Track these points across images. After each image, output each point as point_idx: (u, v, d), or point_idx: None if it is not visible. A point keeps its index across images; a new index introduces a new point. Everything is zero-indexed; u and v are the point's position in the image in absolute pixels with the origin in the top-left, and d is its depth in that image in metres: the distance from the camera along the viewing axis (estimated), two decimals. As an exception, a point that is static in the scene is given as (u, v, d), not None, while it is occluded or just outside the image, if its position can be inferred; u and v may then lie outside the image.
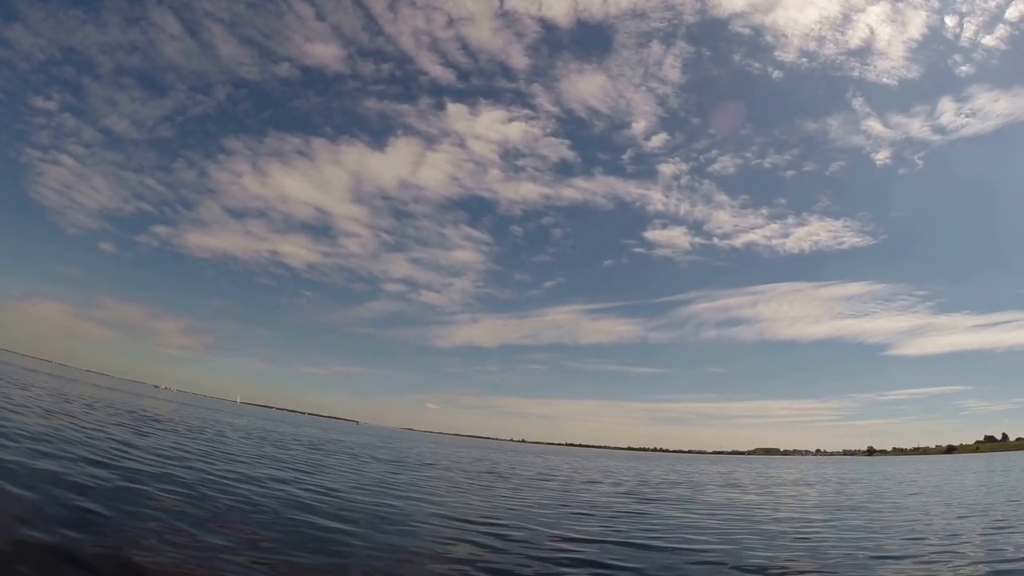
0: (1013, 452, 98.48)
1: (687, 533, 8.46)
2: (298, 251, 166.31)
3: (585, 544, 6.95)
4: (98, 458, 8.26)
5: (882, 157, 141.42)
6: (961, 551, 6.99)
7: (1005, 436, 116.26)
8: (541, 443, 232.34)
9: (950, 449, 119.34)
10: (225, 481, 8.47)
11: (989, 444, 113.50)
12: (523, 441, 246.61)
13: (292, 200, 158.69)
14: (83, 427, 12.19)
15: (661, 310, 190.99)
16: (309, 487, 9.29)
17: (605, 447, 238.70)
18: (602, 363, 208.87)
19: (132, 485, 6.80)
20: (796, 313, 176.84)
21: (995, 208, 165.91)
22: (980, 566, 6.18)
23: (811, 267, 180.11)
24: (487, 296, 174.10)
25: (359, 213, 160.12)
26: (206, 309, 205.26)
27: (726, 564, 6.26)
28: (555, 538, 7.25)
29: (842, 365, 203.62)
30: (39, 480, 6.13)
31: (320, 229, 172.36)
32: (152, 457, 9.46)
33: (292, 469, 11.70)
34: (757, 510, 12.25)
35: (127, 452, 9.61)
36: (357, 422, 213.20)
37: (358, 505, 8.29)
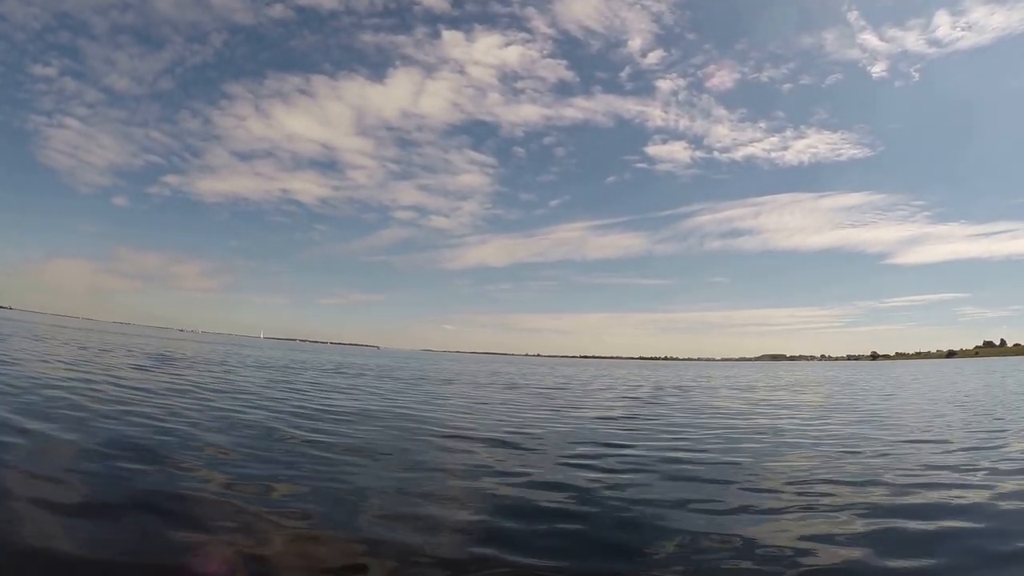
0: (1011, 357, 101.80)
1: (691, 431, 9.17)
2: (308, 187, 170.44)
3: (592, 447, 7.55)
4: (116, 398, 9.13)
5: (878, 70, 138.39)
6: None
7: (1003, 342, 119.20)
8: (556, 356, 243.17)
9: (950, 354, 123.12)
10: (247, 406, 9.43)
11: (988, 349, 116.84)
12: (538, 355, 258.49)
13: (297, 138, 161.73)
14: (103, 370, 13.41)
15: (665, 223, 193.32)
16: (334, 404, 10.21)
17: (617, 357, 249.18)
18: (610, 277, 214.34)
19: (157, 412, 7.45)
20: (797, 223, 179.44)
21: (990, 121, 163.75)
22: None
23: (810, 178, 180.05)
24: (495, 217, 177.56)
25: (364, 145, 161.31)
26: (223, 250, 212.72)
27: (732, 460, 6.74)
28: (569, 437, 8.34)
29: (843, 273, 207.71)
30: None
31: (327, 164, 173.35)
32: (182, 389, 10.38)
33: (303, 391, 12.07)
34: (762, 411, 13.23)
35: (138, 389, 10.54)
36: (378, 347, 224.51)
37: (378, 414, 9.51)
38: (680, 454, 6.94)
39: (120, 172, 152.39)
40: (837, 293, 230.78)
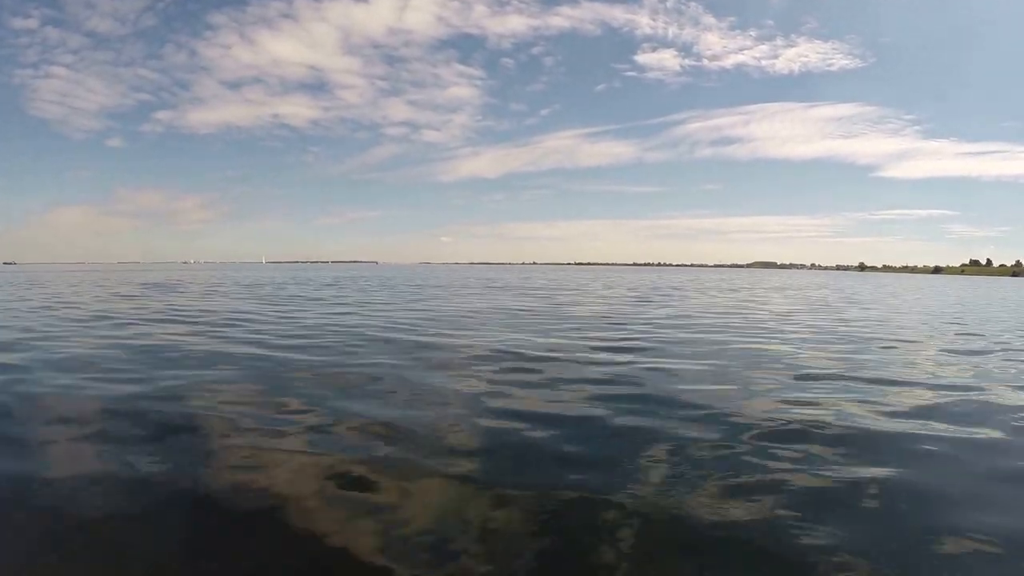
0: (997, 277, 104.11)
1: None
2: (298, 110, 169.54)
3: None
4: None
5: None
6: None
7: (989, 261, 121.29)
8: (551, 264, 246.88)
9: (937, 269, 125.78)
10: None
11: (974, 268, 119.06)
12: (534, 263, 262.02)
13: (284, 62, 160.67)
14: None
15: (655, 130, 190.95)
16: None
17: (612, 264, 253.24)
18: (602, 184, 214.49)
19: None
20: (787, 133, 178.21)
21: (985, 39, 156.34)
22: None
23: (801, 88, 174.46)
24: (486, 128, 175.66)
25: (352, 64, 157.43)
26: (220, 181, 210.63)
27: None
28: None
29: (833, 184, 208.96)
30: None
31: (316, 86, 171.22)
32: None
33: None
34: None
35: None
36: (377, 263, 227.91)
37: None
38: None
39: (111, 114, 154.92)
40: (827, 203, 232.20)
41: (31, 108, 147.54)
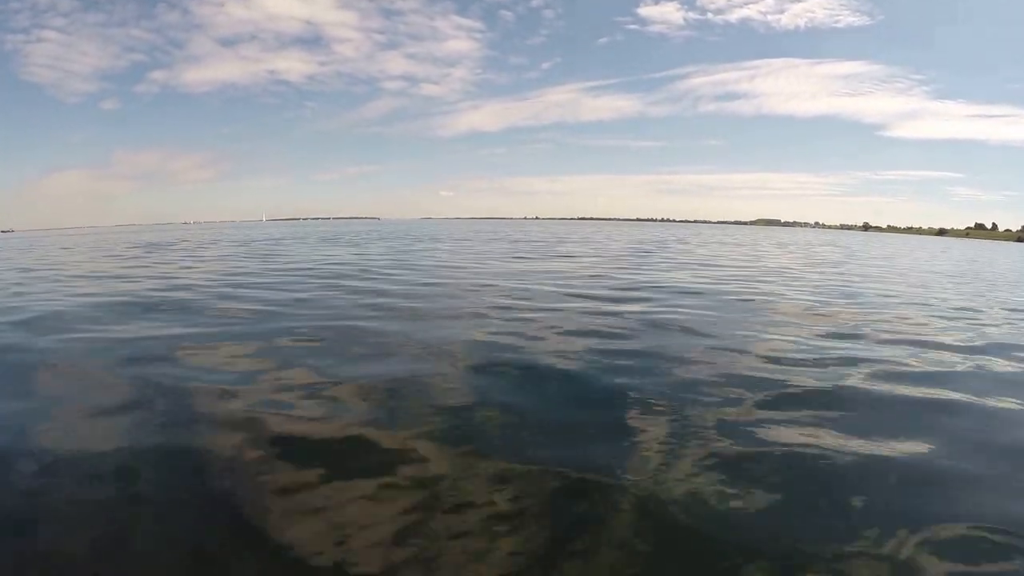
0: (1002, 241, 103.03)
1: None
2: (294, 65, 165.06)
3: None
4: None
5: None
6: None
7: (995, 225, 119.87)
8: (553, 218, 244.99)
9: (941, 232, 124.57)
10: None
11: (979, 231, 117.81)
12: (536, 218, 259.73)
13: (279, 17, 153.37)
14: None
15: (658, 85, 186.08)
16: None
17: (614, 219, 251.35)
18: (604, 138, 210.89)
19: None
20: (793, 89, 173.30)
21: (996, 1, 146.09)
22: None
23: (807, 44, 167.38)
24: (486, 82, 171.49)
25: (347, 18, 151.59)
26: (217, 139, 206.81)
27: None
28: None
29: (839, 142, 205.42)
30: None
31: (312, 40, 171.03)
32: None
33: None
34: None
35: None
36: (379, 219, 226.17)
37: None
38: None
39: (105, 76, 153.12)
40: (832, 162, 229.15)
41: (23, 73, 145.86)
